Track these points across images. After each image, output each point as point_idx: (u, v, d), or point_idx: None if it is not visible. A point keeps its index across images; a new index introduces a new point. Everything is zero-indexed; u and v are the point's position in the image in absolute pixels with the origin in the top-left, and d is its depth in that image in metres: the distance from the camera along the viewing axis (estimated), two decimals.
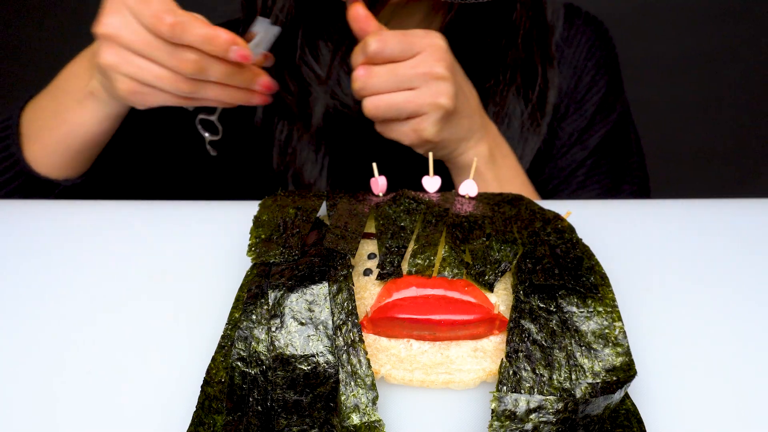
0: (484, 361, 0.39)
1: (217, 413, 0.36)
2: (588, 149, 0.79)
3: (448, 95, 0.59)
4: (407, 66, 0.58)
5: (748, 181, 1.73)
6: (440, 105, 0.59)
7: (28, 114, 0.68)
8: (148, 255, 0.51)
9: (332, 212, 0.47)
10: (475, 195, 0.51)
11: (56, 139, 0.66)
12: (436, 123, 0.60)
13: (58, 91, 0.66)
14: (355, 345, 0.38)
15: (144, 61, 0.56)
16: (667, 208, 0.57)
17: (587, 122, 0.80)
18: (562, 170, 0.79)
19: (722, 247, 0.51)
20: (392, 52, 0.58)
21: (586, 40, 0.81)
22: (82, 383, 0.40)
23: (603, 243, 0.50)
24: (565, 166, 0.79)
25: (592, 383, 0.36)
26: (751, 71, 1.66)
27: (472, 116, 0.64)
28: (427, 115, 0.59)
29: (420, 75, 0.58)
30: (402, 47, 0.58)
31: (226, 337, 0.39)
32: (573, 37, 0.81)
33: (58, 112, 0.65)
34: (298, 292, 0.39)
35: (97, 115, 0.64)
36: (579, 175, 0.80)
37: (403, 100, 0.59)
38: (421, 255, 0.43)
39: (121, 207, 0.58)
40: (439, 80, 0.59)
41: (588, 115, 0.80)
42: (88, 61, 0.63)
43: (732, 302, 0.46)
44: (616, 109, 0.81)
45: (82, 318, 0.45)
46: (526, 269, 0.41)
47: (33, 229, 0.54)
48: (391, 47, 0.58)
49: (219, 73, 0.57)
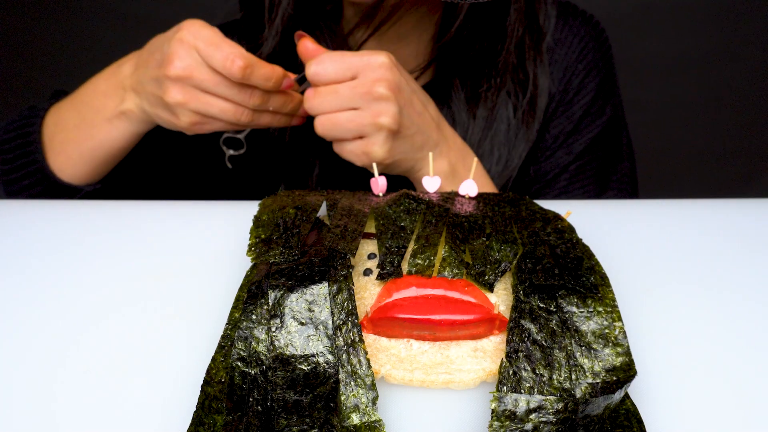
0: (484, 361, 0.39)
1: (217, 413, 0.36)
2: (573, 154, 0.78)
3: (390, 115, 0.59)
4: (347, 87, 0.59)
5: (748, 181, 1.73)
6: (381, 125, 0.59)
7: (50, 126, 0.70)
8: (148, 255, 0.51)
9: (332, 212, 0.47)
10: (475, 195, 0.51)
11: (81, 152, 0.68)
12: (383, 144, 0.60)
13: (84, 107, 0.68)
14: (355, 345, 0.38)
15: (211, 98, 0.61)
16: (667, 208, 0.57)
17: (573, 126, 0.79)
18: (545, 174, 0.79)
19: (722, 247, 0.51)
20: (329, 74, 0.59)
21: (579, 41, 0.80)
22: (82, 383, 0.40)
23: (603, 243, 0.50)
24: (548, 170, 0.79)
25: (592, 383, 0.36)
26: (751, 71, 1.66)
27: (426, 132, 0.63)
28: (373, 136, 0.60)
29: (359, 95, 0.59)
30: (337, 67, 0.59)
31: (226, 337, 0.39)
32: (566, 38, 0.79)
33: (83, 128, 0.68)
34: (298, 292, 0.39)
35: (126, 134, 0.67)
36: (562, 180, 0.79)
37: (345, 119, 0.59)
38: (421, 255, 0.43)
39: (122, 207, 0.58)
40: (380, 100, 0.59)
41: (575, 119, 0.79)
42: (117, 79, 0.66)
43: (732, 302, 0.46)
44: (606, 113, 0.80)
45: (82, 317, 0.45)
46: (526, 269, 0.41)
47: (33, 229, 0.54)
48: (327, 69, 0.59)
49: (277, 103, 0.64)
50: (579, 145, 0.79)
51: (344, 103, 0.59)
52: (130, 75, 0.65)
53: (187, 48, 0.59)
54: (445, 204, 0.48)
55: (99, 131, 0.67)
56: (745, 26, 1.63)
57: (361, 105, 0.59)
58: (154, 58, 0.62)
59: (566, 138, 0.79)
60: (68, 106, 0.69)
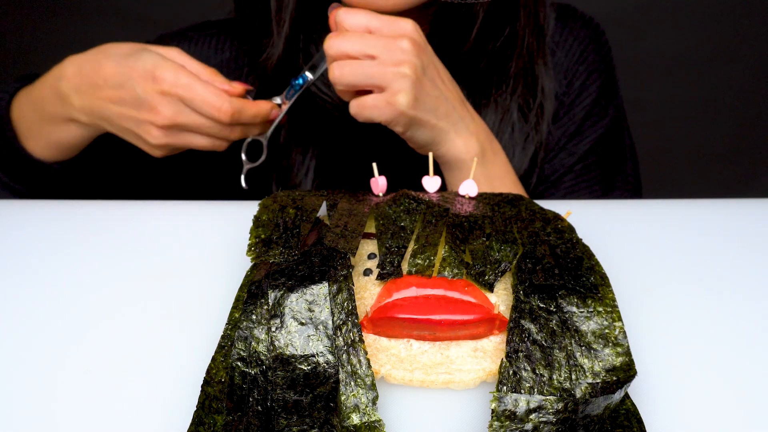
0: (484, 361, 0.39)
1: (217, 413, 0.36)
2: (577, 155, 0.79)
3: (410, 64, 0.59)
4: (373, 36, 0.60)
5: (748, 181, 1.73)
6: (403, 73, 0.59)
7: (16, 111, 0.71)
8: (148, 255, 0.51)
9: (332, 212, 0.47)
10: (475, 195, 0.51)
11: (45, 140, 0.69)
12: (408, 91, 0.59)
13: (37, 106, 0.68)
14: (355, 345, 0.38)
15: (192, 135, 0.64)
16: (666, 208, 0.57)
17: (576, 127, 0.79)
18: (550, 175, 0.79)
19: (722, 247, 0.51)
20: (358, 20, 0.60)
21: (579, 43, 0.80)
22: (82, 383, 0.40)
23: (603, 243, 0.50)
24: (552, 171, 0.79)
25: (592, 383, 0.36)
26: (750, 71, 1.66)
27: (450, 101, 0.63)
28: (396, 83, 0.59)
29: (383, 44, 0.59)
30: (368, 18, 0.60)
31: (226, 337, 0.39)
32: (566, 40, 0.80)
33: (41, 123, 0.68)
34: (298, 292, 0.39)
35: (81, 134, 0.68)
36: (567, 181, 0.79)
37: (367, 65, 0.59)
38: (421, 255, 0.43)
39: (122, 207, 0.58)
40: (403, 52, 0.59)
41: (577, 120, 0.79)
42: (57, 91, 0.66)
43: (732, 302, 0.46)
44: (609, 114, 0.80)
45: (82, 318, 0.45)
46: (526, 269, 0.41)
47: (33, 229, 0.54)
48: (356, 16, 0.60)
49: (256, 131, 0.68)
50: (583, 145, 0.79)
51: (366, 47, 0.59)
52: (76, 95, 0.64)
53: (169, 99, 0.61)
54: (445, 204, 0.48)
55: (56, 129, 0.68)
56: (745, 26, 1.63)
57: (380, 54, 0.59)
58: (118, 94, 0.62)
59: (569, 139, 0.79)
60: (27, 99, 0.70)
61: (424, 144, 0.64)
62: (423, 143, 0.64)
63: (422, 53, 0.61)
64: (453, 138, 0.64)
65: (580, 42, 0.80)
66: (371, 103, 0.60)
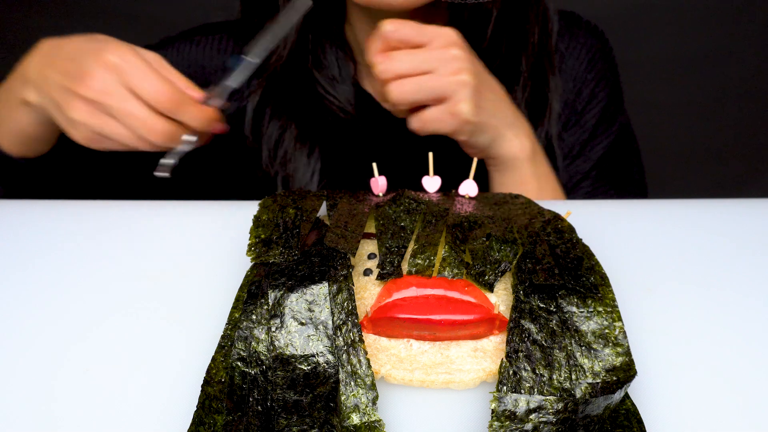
0: (484, 361, 0.39)
1: (217, 413, 0.36)
2: (592, 161, 0.80)
3: (468, 71, 0.59)
4: (423, 50, 0.59)
5: (748, 181, 1.73)
6: (464, 81, 0.59)
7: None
8: (148, 255, 0.51)
9: (332, 212, 0.47)
10: (475, 195, 0.51)
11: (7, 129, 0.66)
12: (469, 99, 0.59)
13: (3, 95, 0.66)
14: (355, 345, 0.38)
15: (115, 123, 0.58)
16: (666, 208, 0.57)
17: (589, 134, 0.80)
18: (566, 183, 0.79)
19: (722, 247, 0.51)
20: (406, 35, 0.59)
21: (587, 52, 0.81)
22: (82, 383, 0.40)
23: (603, 243, 0.50)
24: (568, 178, 0.80)
25: (592, 383, 0.36)
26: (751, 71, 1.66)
27: (504, 100, 0.64)
28: (457, 93, 0.59)
29: (435, 57, 0.59)
30: (415, 31, 0.59)
31: (226, 337, 0.39)
32: (574, 48, 0.81)
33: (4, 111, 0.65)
34: (298, 292, 0.39)
35: (33, 122, 0.64)
36: (585, 186, 0.80)
37: (426, 79, 0.59)
38: (421, 255, 0.43)
39: (121, 207, 0.58)
40: (456, 60, 0.59)
41: (589, 127, 0.80)
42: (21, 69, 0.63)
43: (732, 302, 0.46)
44: (618, 120, 0.82)
45: (82, 317, 0.45)
46: (526, 269, 0.41)
47: (33, 229, 0.54)
48: (405, 30, 0.59)
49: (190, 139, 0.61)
50: (597, 151, 0.80)
51: (420, 64, 0.59)
52: (36, 65, 0.61)
53: (107, 70, 0.57)
54: (445, 204, 0.48)
55: (12, 115, 0.65)
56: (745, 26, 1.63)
57: (437, 66, 0.59)
58: (65, 65, 0.59)
59: (583, 146, 0.80)
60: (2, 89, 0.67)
61: (483, 147, 0.64)
62: (483, 146, 0.64)
63: (473, 59, 0.61)
64: (511, 138, 0.64)
65: (588, 50, 0.81)
66: (435, 116, 0.60)
